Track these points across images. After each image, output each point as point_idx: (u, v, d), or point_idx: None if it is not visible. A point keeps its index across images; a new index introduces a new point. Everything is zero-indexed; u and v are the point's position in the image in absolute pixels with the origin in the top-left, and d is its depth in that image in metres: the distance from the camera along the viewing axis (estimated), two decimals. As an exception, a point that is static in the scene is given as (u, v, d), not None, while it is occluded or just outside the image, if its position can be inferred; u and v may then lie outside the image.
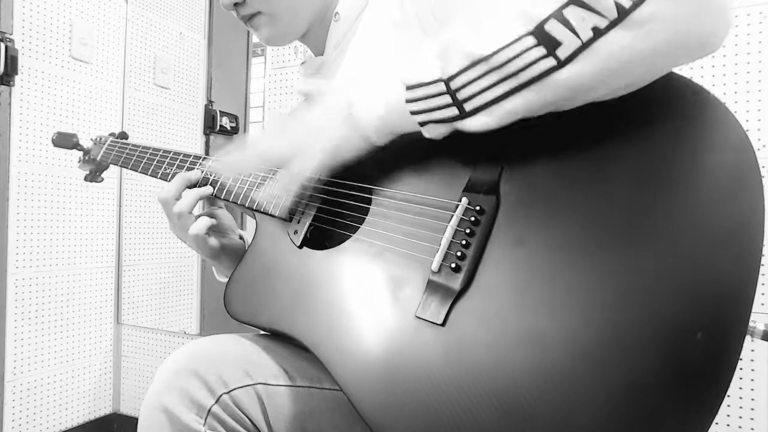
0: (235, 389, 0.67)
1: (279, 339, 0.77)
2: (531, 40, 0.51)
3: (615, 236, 0.54)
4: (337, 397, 0.72)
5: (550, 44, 0.51)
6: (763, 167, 1.34)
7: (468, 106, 0.57)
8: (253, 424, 0.67)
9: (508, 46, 0.53)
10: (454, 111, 0.58)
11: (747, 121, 1.34)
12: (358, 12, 0.85)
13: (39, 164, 1.89)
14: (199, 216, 0.85)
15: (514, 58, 0.52)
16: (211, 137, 2.50)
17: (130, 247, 2.23)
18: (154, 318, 2.30)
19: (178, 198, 0.86)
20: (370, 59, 0.81)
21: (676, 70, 0.56)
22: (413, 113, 0.60)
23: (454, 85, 0.57)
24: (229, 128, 2.52)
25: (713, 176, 0.53)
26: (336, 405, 0.72)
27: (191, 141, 2.44)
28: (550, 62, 0.51)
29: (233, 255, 0.92)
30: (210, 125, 2.46)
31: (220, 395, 0.66)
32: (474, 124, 0.57)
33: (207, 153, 2.50)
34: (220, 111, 2.48)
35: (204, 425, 0.65)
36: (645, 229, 0.53)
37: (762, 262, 0.50)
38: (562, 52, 0.51)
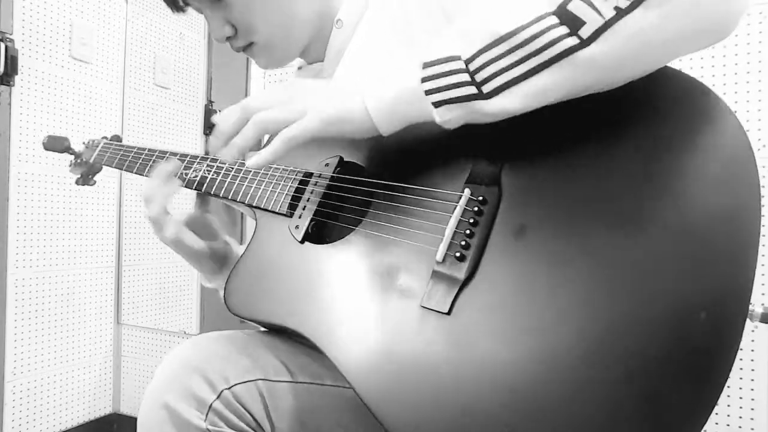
0: (236, 385, 0.67)
1: (280, 335, 0.77)
2: (553, 19, 0.52)
3: (617, 223, 0.55)
4: (338, 393, 0.72)
5: (573, 23, 0.51)
6: (763, 167, 1.35)
7: (486, 88, 0.56)
8: (254, 420, 0.67)
9: (530, 24, 0.53)
10: (471, 89, 0.57)
11: (747, 121, 1.34)
12: (359, 16, 0.85)
13: (39, 164, 1.89)
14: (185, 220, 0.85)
15: (536, 36, 0.52)
16: (211, 137, 2.49)
17: (130, 247, 2.23)
18: (154, 318, 2.30)
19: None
20: (370, 62, 0.81)
21: (675, 65, 0.57)
22: (428, 92, 0.59)
23: (473, 65, 0.56)
24: (229, 128, 2.51)
25: (711, 162, 0.54)
26: (337, 401, 0.72)
27: (191, 141, 2.44)
28: (573, 41, 0.52)
29: (214, 258, 0.90)
30: (210, 125, 2.46)
31: (222, 391, 0.66)
32: (494, 105, 0.57)
33: (207, 153, 2.50)
34: (220, 111, 2.48)
35: (205, 421, 0.65)
36: (646, 214, 0.54)
37: (761, 261, 0.51)
38: (585, 31, 0.51)
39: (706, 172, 0.54)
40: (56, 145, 1.12)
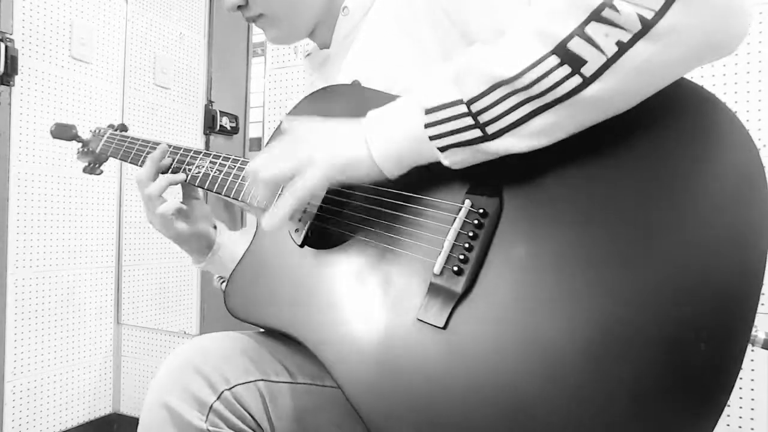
0: (236, 385, 0.67)
1: (280, 336, 0.77)
2: (555, 60, 0.51)
3: (619, 240, 0.54)
4: (337, 394, 0.72)
5: (575, 62, 0.51)
6: (764, 167, 1.34)
7: (491, 129, 0.56)
8: (254, 420, 0.67)
9: (532, 66, 0.52)
10: (476, 133, 0.57)
11: (747, 121, 1.34)
12: (366, 6, 0.85)
13: (39, 164, 1.89)
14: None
15: (541, 78, 0.52)
16: (211, 137, 2.50)
17: (130, 247, 2.23)
18: (154, 318, 2.30)
19: (151, 179, 0.89)
20: (376, 54, 0.81)
21: None
22: (432, 138, 0.59)
23: (475, 107, 0.56)
24: (229, 128, 2.51)
25: (718, 182, 0.53)
26: (337, 402, 0.72)
27: (191, 141, 2.44)
28: (576, 81, 0.51)
29: (201, 241, 0.94)
30: (210, 125, 2.46)
31: (222, 392, 0.66)
32: (499, 145, 0.57)
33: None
34: (220, 111, 2.48)
35: (206, 422, 0.65)
36: (649, 234, 0.53)
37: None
38: (588, 70, 0.50)
39: (713, 188, 0.52)
40: (64, 132, 1.12)
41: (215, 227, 0.97)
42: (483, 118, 0.56)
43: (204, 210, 0.95)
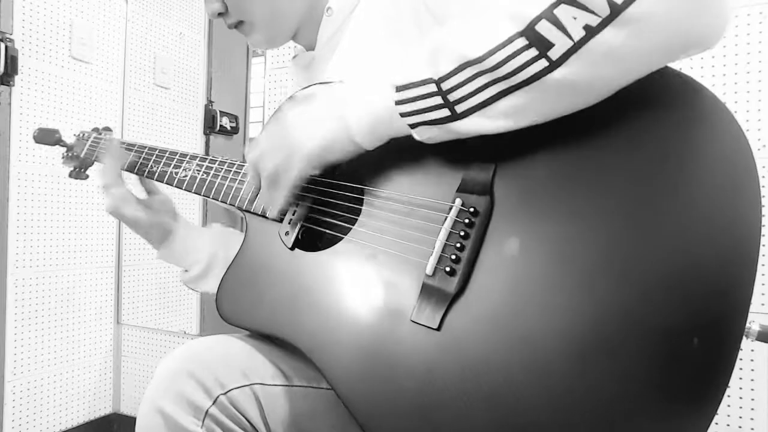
0: (231, 390, 0.67)
1: (275, 339, 0.77)
2: (522, 42, 0.51)
3: (610, 237, 0.53)
4: (333, 397, 0.72)
5: (542, 45, 0.50)
6: (763, 167, 1.35)
7: (459, 108, 0.56)
8: (251, 425, 0.67)
9: (499, 48, 0.52)
10: (445, 112, 0.57)
11: (747, 121, 1.33)
12: (351, 7, 0.84)
13: (39, 164, 1.89)
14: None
15: (506, 60, 0.52)
16: (211, 137, 2.50)
17: (130, 247, 2.23)
18: (154, 318, 2.30)
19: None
20: (361, 55, 0.81)
21: (674, 65, 0.55)
22: (403, 115, 0.60)
23: (445, 86, 0.56)
24: (229, 128, 2.51)
25: (709, 175, 0.52)
26: (333, 405, 0.72)
27: (191, 141, 2.44)
28: (543, 64, 0.51)
29: (160, 230, 0.95)
30: (210, 125, 2.46)
31: (217, 396, 0.66)
32: (468, 125, 0.57)
33: (207, 153, 2.50)
34: (220, 111, 2.48)
35: (202, 427, 0.64)
36: (640, 231, 0.53)
37: (762, 262, 0.50)
38: (554, 53, 0.50)
39: (704, 181, 0.52)
40: (47, 137, 1.10)
41: (174, 218, 0.99)
42: (452, 97, 0.56)
43: (167, 205, 0.98)
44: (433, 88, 0.57)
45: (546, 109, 0.55)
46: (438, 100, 0.57)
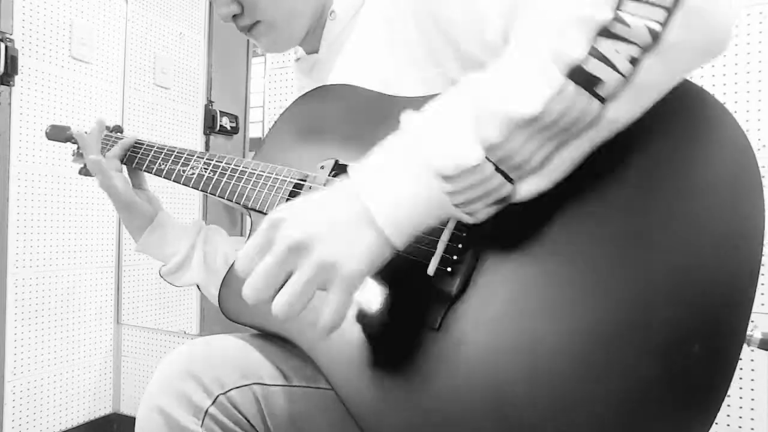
0: (231, 390, 0.67)
1: (275, 339, 0.77)
2: (571, 85, 0.47)
3: (612, 241, 0.53)
4: (333, 396, 0.72)
5: (589, 84, 0.47)
6: (763, 167, 1.34)
7: (515, 175, 0.51)
8: (250, 425, 0.67)
9: (552, 99, 0.48)
10: (508, 189, 0.51)
11: (747, 121, 1.33)
12: (354, 10, 0.85)
13: (39, 164, 1.89)
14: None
15: (565, 112, 0.48)
16: (211, 137, 2.50)
17: (130, 247, 2.23)
18: (154, 318, 2.30)
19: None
20: (364, 59, 0.81)
21: None
22: (458, 205, 0.52)
23: (496, 156, 0.50)
24: (229, 128, 2.52)
25: (712, 182, 0.52)
26: (333, 405, 0.72)
27: (191, 141, 2.44)
28: (596, 105, 0.48)
29: (143, 213, 0.97)
30: (210, 125, 2.46)
31: (217, 396, 0.66)
32: (523, 191, 0.52)
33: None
34: (220, 111, 2.48)
35: (201, 426, 0.65)
36: (642, 235, 0.52)
37: (762, 262, 0.50)
38: (605, 90, 0.47)
39: (708, 186, 0.52)
40: (59, 134, 1.12)
41: (157, 209, 1.01)
42: (506, 167, 0.50)
43: (153, 200, 1.01)
44: (490, 169, 0.50)
45: (589, 150, 0.52)
46: (500, 179, 0.51)
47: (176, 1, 2.38)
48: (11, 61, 1.78)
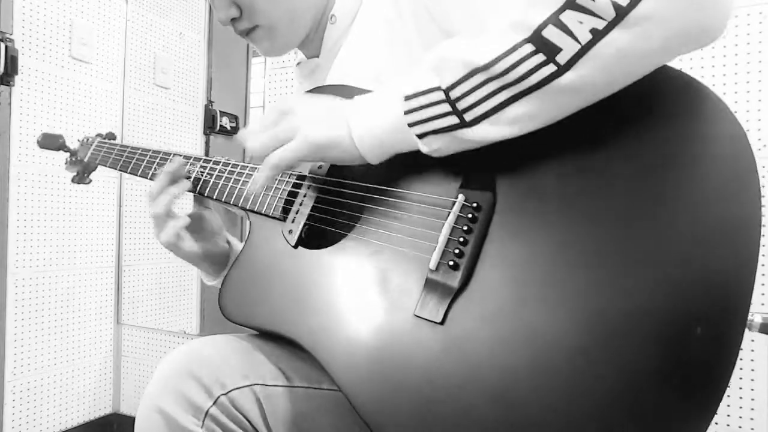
0: (232, 390, 0.67)
1: (276, 339, 0.77)
2: (529, 47, 0.52)
3: (612, 232, 0.54)
4: (335, 397, 0.72)
5: (550, 50, 0.51)
6: (763, 167, 1.35)
7: (468, 116, 0.57)
8: (251, 425, 0.67)
9: (506, 54, 0.53)
10: (453, 119, 0.57)
11: (747, 121, 1.33)
12: (353, 13, 0.85)
13: (39, 164, 1.89)
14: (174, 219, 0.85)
15: (514, 66, 0.52)
16: (211, 137, 2.50)
17: (130, 247, 2.23)
18: (154, 318, 2.30)
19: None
20: (363, 59, 0.81)
21: (675, 64, 0.55)
22: (411, 125, 0.60)
23: (453, 94, 0.56)
24: (229, 128, 2.52)
25: (710, 170, 0.53)
26: (334, 405, 0.72)
27: (191, 141, 2.44)
28: (551, 68, 0.51)
29: (213, 260, 0.91)
30: (210, 125, 2.46)
31: (218, 397, 0.66)
32: (476, 133, 0.57)
33: (207, 153, 2.50)
34: (220, 111, 2.48)
35: (202, 427, 0.64)
36: (643, 224, 0.53)
37: (762, 261, 0.50)
38: (562, 58, 0.51)
39: (706, 180, 0.53)
40: (51, 142, 1.11)
41: (229, 243, 0.95)
42: (460, 105, 0.56)
43: (216, 223, 0.93)
44: (441, 96, 0.57)
45: (551, 114, 0.55)
46: (446, 107, 0.57)
47: (176, 1, 2.38)
48: (11, 61, 1.78)
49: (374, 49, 0.79)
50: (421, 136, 0.60)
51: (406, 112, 0.60)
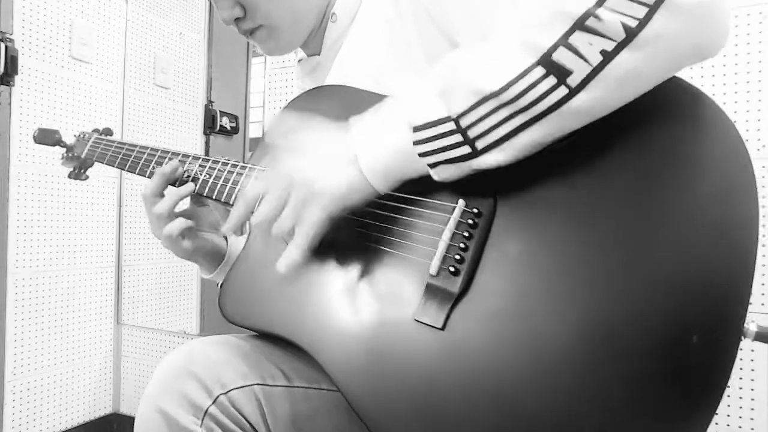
0: (232, 390, 0.67)
1: (276, 340, 0.77)
2: (540, 71, 0.51)
3: (611, 238, 0.54)
4: (335, 397, 0.72)
5: (561, 73, 0.51)
6: (763, 167, 1.35)
7: (480, 144, 0.56)
8: (250, 425, 0.67)
9: (518, 79, 0.52)
10: (466, 149, 0.57)
11: (747, 121, 1.33)
12: (354, 11, 0.85)
13: (39, 164, 1.89)
14: (178, 215, 0.85)
15: (526, 91, 0.52)
16: (211, 137, 2.50)
17: (130, 247, 2.23)
18: (154, 318, 2.30)
19: (158, 195, 0.84)
20: (362, 59, 0.81)
21: None
22: (422, 155, 0.59)
23: (464, 122, 0.55)
24: (229, 128, 2.52)
25: (708, 178, 0.53)
26: (334, 406, 0.72)
27: (191, 141, 2.44)
28: (563, 91, 0.51)
29: (210, 257, 0.91)
30: (210, 125, 2.46)
31: (217, 396, 0.66)
32: (488, 160, 0.57)
33: (207, 153, 2.50)
34: (220, 111, 2.48)
35: (201, 426, 0.64)
36: (641, 231, 0.53)
37: (761, 261, 0.50)
38: (573, 80, 0.50)
39: (703, 184, 0.53)
40: (47, 138, 1.10)
41: (226, 239, 0.95)
42: (472, 133, 0.56)
43: (212, 219, 0.93)
44: (452, 126, 0.56)
45: (558, 136, 0.55)
46: (458, 137, 0.56)
47: (176, 1, 2.38)
48: (11, 61, 1.78)
49: (374, 48, 0.79)
50: (432, 166, 0.59)
51: (416, 143, 0.59)
